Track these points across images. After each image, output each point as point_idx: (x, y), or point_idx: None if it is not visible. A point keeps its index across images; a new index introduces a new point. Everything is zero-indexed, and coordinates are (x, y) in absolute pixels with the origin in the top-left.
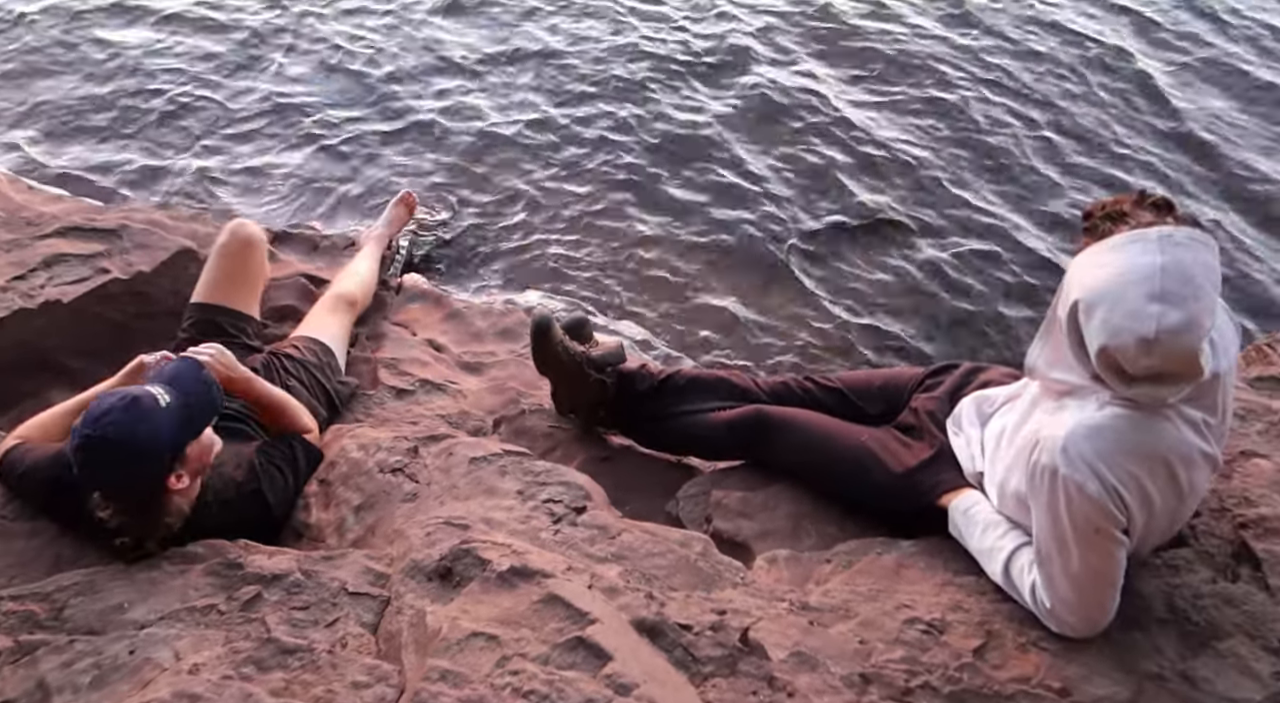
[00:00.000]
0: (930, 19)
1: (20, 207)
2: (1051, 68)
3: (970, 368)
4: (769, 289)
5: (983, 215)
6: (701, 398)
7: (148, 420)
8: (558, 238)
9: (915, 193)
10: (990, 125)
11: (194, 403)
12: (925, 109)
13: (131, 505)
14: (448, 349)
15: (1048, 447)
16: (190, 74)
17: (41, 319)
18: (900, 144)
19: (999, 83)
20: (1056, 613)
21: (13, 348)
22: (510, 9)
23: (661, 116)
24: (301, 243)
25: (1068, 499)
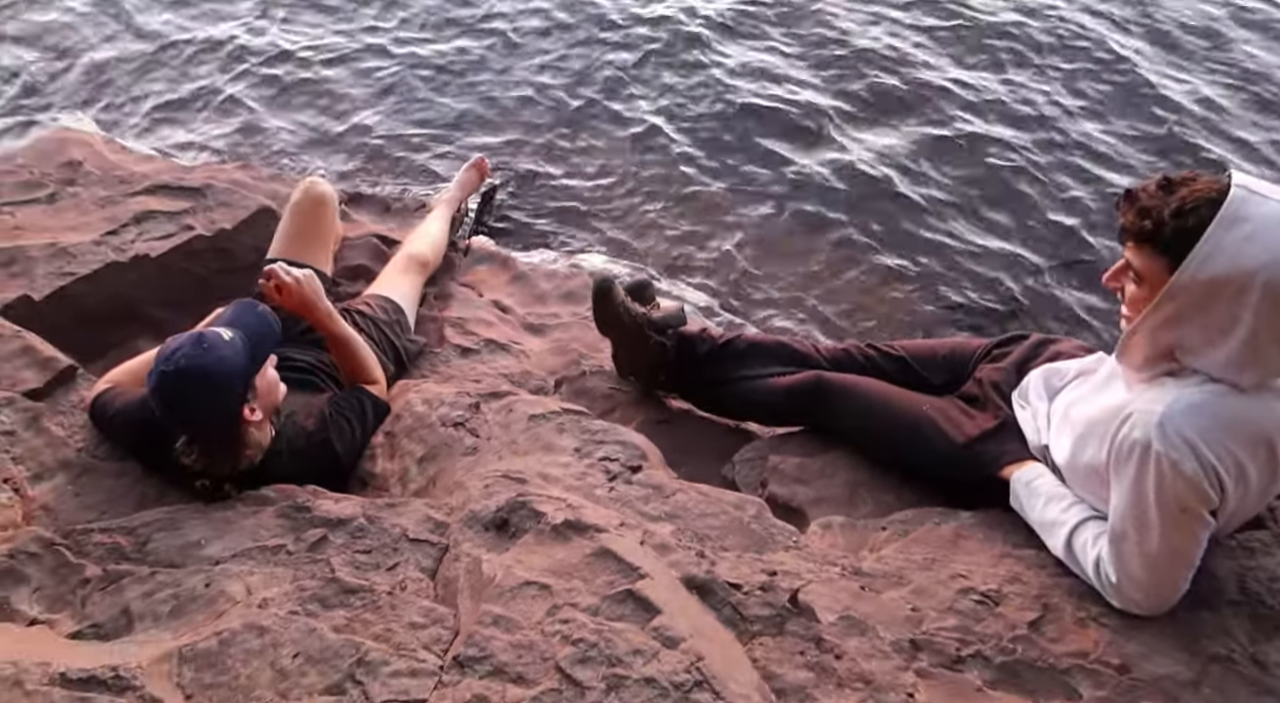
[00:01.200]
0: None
1: (114, 165)
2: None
3: (1040, 340)
4: (837, 258)
5: (1055, 194)
6: (761, 363)
7: (214, 351)
8: (624, 202)
9: (993, 166)
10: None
11: (254, 334)
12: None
13: (213, 440)
14: (512, 310)
15: (1141, 421)
16: (271, 38)
17: (132, 273)
18: (983, 113)
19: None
20: (1123, 590)
21: (105, 300)
22: None
23: (732, 83)
24: (374, 204)
25: (1159, 477)
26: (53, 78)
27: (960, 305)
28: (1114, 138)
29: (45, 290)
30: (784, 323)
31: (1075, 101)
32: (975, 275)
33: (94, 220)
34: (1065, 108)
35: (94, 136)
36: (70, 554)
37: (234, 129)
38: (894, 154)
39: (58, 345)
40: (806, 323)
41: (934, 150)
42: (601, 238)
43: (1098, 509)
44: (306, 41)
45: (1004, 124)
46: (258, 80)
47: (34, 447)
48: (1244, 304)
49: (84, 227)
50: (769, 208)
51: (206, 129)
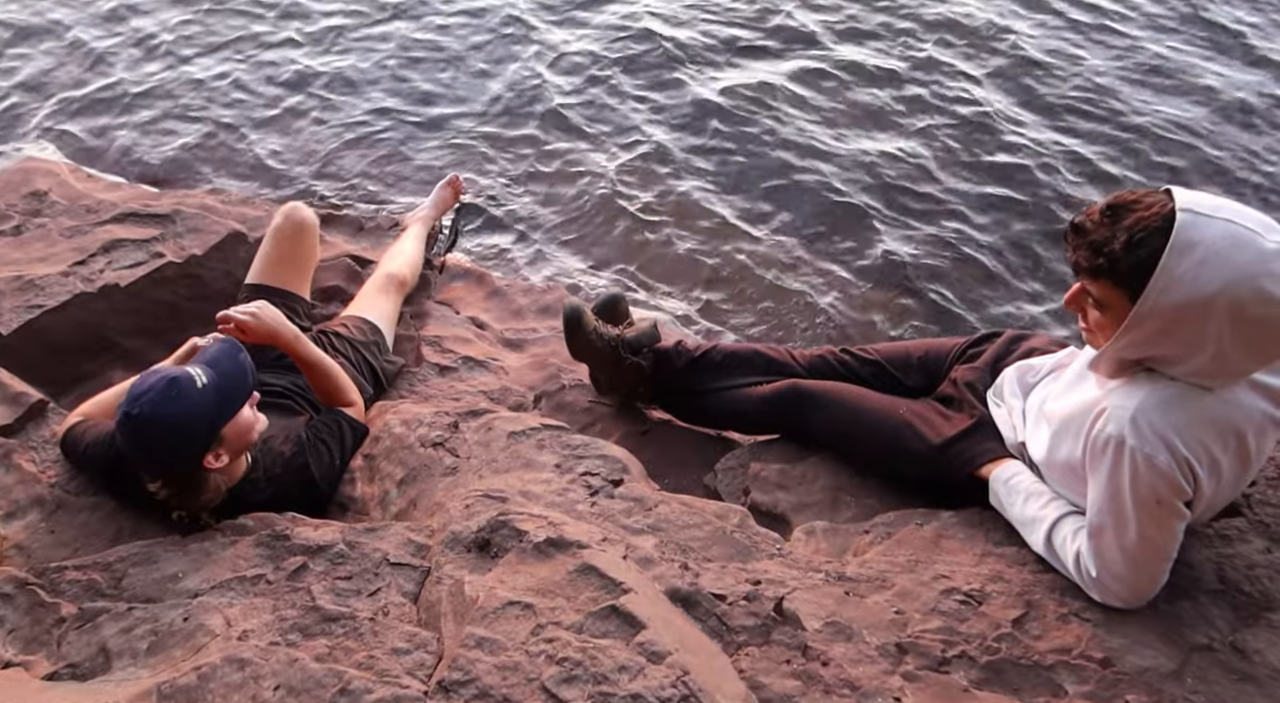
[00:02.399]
0: None
1: (81, 194)
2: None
3: (1013, 336)
4: (808, 263)
5: (1016, 189)
6: (739, 372)
7: (182, 401)
8: (597, 215)
9: (956, 165)
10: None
11: (228, 385)
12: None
13: (174, 481)
14: (490, 326)
15: (1115, 417)
16: (232, 57)
17: (101, 302)
18: (947, 114)
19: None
20: (1103, 583)
21: (74, 330)
22: None
23: (702, 92)
24: (347, 224)
25: (1134, 471)
26: (13, 107)
27: (933, 305)
28: (1073, 140)
29: (13, 324)
30: (759, 330)
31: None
32: (946, 275)
33: (61, 251)
34: (1027, 111)
35: (59, 165)
36: (44, 593)
37: (202, 153)
38: (865, 161)
39: (29, 379)
40: (781, 329)
41: (903, 155)
42: (576, 250)
43: (1076, 505)
44: (272, 64)
45: (979, 131)
46: (225, 103)
47: (5, 484)
48: (1208, 325)
49: (52, 258)
50: (744, 215)
51: (173, 154)
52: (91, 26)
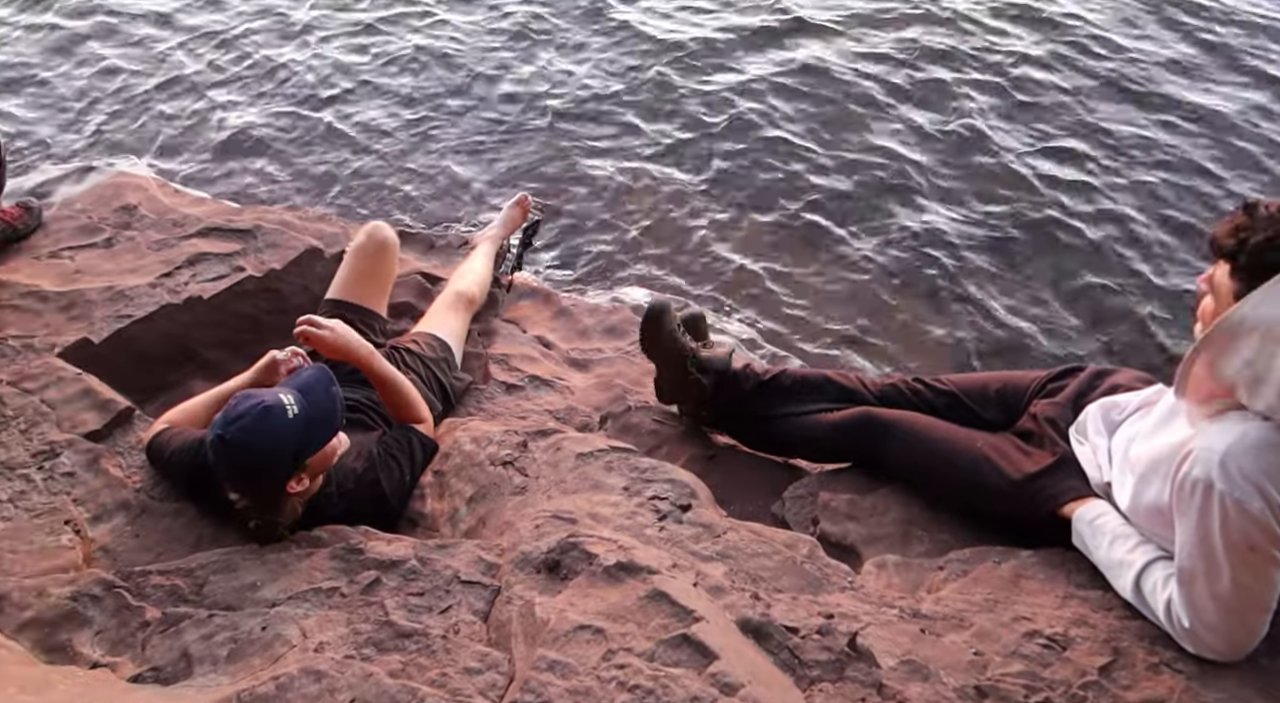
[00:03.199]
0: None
1: (168, 209)
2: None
3: (1096, 371)
4: (886, 295)
5: (1116, 218)
6: (808, 398)
7: (273, 432)
8: (667, 237)
9: (1038, 197)
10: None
11: (319, 416)
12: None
13: (257, 499)
14: (556, 346)
15: (1202, 459)
16: (311, 84)
17: (186, 314)
18: (1032, 150)
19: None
20: (1197, 634)
21: (160, 340)
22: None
23: (778, 118)
24: (419, 242)
25: (1223, 516)
26: (109, 124)
27: (1011, 339)
28: (1182, 175)
29: (104, 333)
30: (829, 356)
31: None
32: (1027, 309)
33: (149, 263)
34: (1124, 140)
35: (148, 180)
36: (131, 596)
37: (281, 171)
38: (941, 192)
39: (116, 386)
40: (852, 357)
41: (979, 191)
42: (644, 272)
43: (1165, 549)
44: (347, 84)
45: (1056, 161)
46: (303, 124)
47: (93, 488)
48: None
49: (140, 269)
50: (821, 246)
51: (256, 170)
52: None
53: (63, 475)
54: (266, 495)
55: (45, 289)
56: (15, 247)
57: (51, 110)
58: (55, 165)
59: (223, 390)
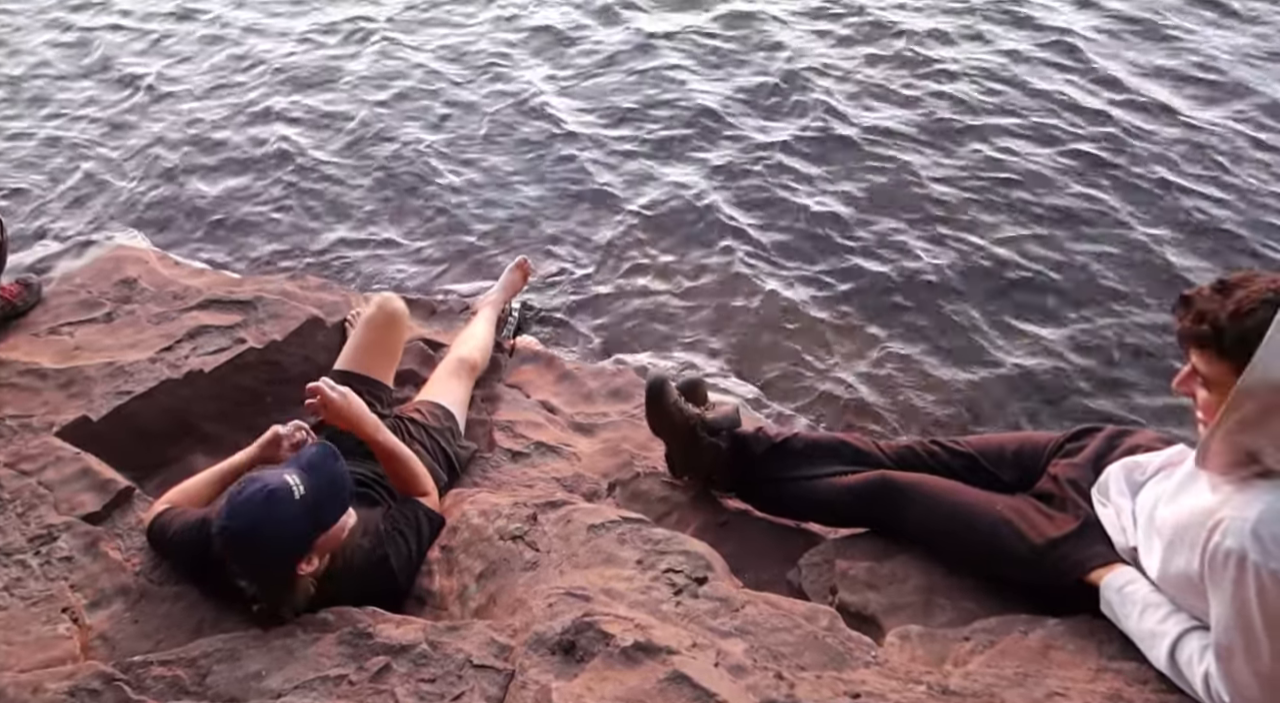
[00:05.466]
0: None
1: (168, 281)
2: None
3: (1115, 431)
4: (891, 348)
5: (1116, 273)
6: (822, 462)
7: (281, 517)
8: (667, 297)
9: (1048, 242)
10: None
11: (326, 495)
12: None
13: (265, 585)
14: (560, 410)
15: (1233, 529)
16: (308, 151)
17: (186, 388)
18: (1021, 190)
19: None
20: None
21: (160, 415)
22: (598, 53)
23: (765, 172)
24: (420, 308)
25: (1260, 588)
26: (103, 196)
27: (1026, 399)
28: (1177, 231)
29: (103, 410)
30: (838, 418)
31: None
32: (1041, 368)
33: (149, 337)
34: (1130, 199)
35: (148, 253)
36: (131, 690)
37: (281, 240)
38: (947, 246)
39: (116, 463)
40: (863, 419)
41: (995, 242)
42: (647, 334)
43: (1199, 619)
44: (342, 151)
45: (1070, 223)
46: (303, 191)
47: (92, 572)
48: None
49: (140, 344)
50: (821, 297)
51: (255, 241)
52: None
53: (60, 560)
54: (277, 581)
55: (44, 366)
56: (14, 323)
57: (46, 185)
58: (55, 241)
59: (224, 468)
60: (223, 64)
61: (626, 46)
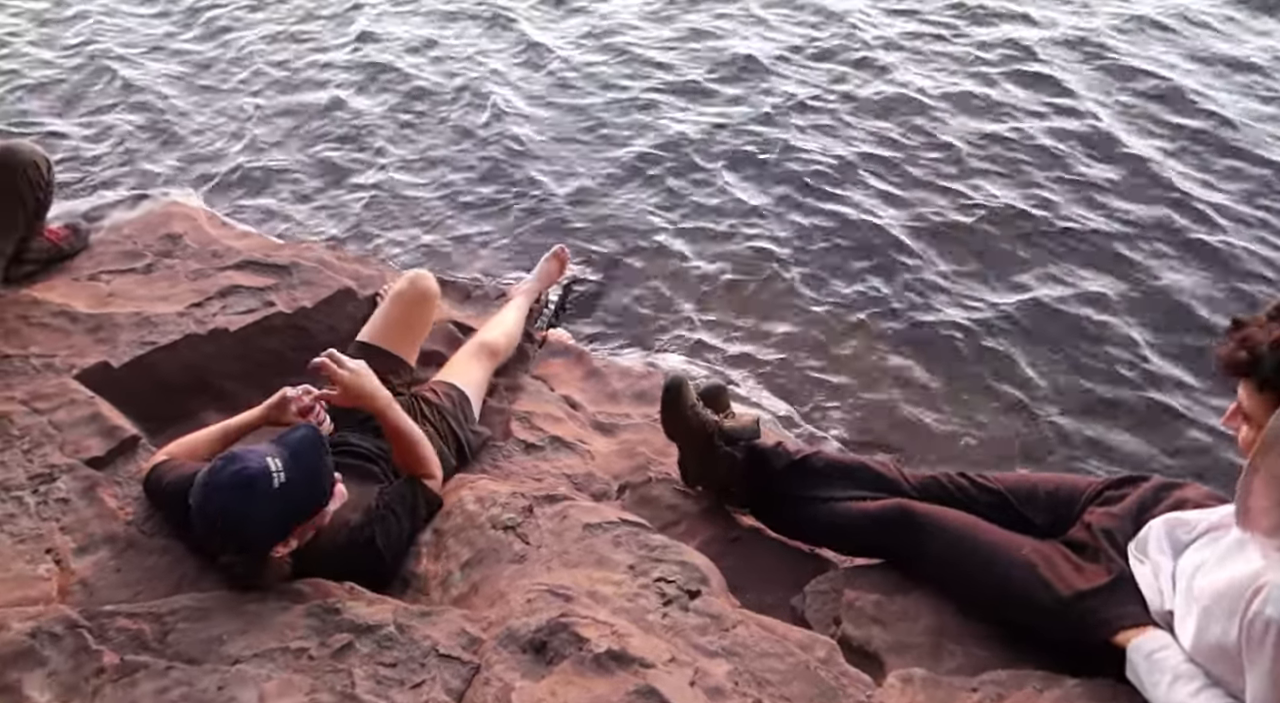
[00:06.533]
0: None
1: (212, 240)
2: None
3: (1162, 483)
4: (933, 376)
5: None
6: (841, 484)
7: (256, 505)
8: (705, 302)
9: (1108, 273)
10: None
11: (304, 485)
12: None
13: (238, 560)
14: (583, 407)
15: (1275, 597)
16: (372, 129)
17: (209, 345)
18: (1088, 222)
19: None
20: None
21: (180, 370)
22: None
23: (829, 194)
24: (455, 291)
25: None
26: (165, 153)
27: (1066, 439)
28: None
29: (124, 358)
30: (867, 442)
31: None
32: (1088, 407)
33: (182, 292)
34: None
35: (199, 211)
36: (92, 639)
37: (324, 211)
38: (1003, 290)
39: (131, 412)
40: (895, 444)
41: (1052, 287)
42: (681, 337)
43: (1235, 696)
44: (393, 131)
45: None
46: (348, 166)
47: (84, 517)
48: None
49: (171, 298)
50: (862, 317)
51: (306, 209)
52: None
53: (56, 502)
54: (250, 560)
55: (76, 310)
56: (59, 266)
57: (114, 135)
58: (110, 191)
59: (229, 425)
60: (318, 33)
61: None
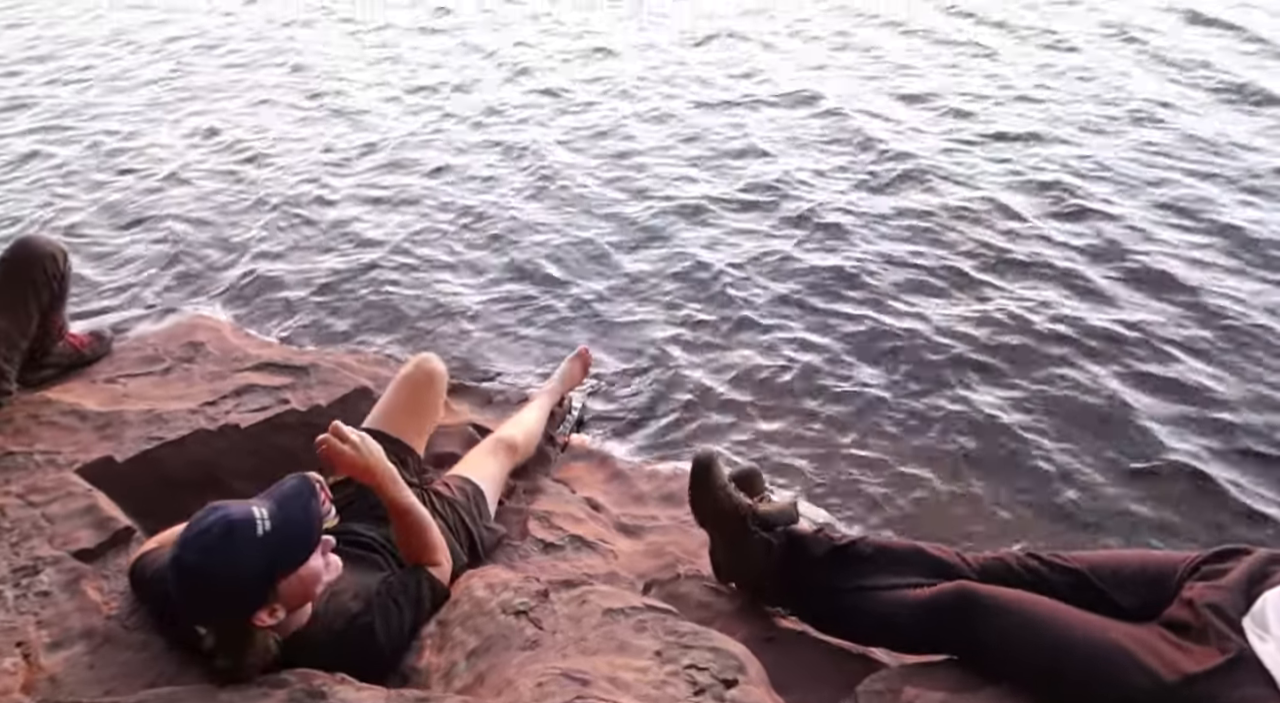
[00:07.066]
0: None
1: (234, 347)
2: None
3: (1269, 555)
4: (985, 472)
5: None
6: (892, 571)
7: (236, 552)
8: (737, 404)
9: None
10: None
11: (292, 533)
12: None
13: (220, 632)
14: (606, 509)
15: None
16: (387, 241)
17: (219, 441)
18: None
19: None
20: None
21: (187, 466)
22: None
23: (844, 293)
24: (476, 396)
25: None
26: (199, 271)
27: (1144, 516)
28: None
29: (130, 453)
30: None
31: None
32: (1165, 482)
33: (197, 391)
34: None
35: (224, 323)
36: None
37: (346, 318)
38: (1065, 387)
39: (132, 509)
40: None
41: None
42: (711, 440)
43: None
44: (421, 237)
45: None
46: (363, 271)
47: (64, 610)
48: None
49: (186, 396)
50: (908, 420)
51: (330, 321)
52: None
53: (36, 595)
54: (233, 628)
55: (86, 409)
56: (80, 371)
57: (144, 252)
58: (139, 307)
59: None
60: (345, 140)
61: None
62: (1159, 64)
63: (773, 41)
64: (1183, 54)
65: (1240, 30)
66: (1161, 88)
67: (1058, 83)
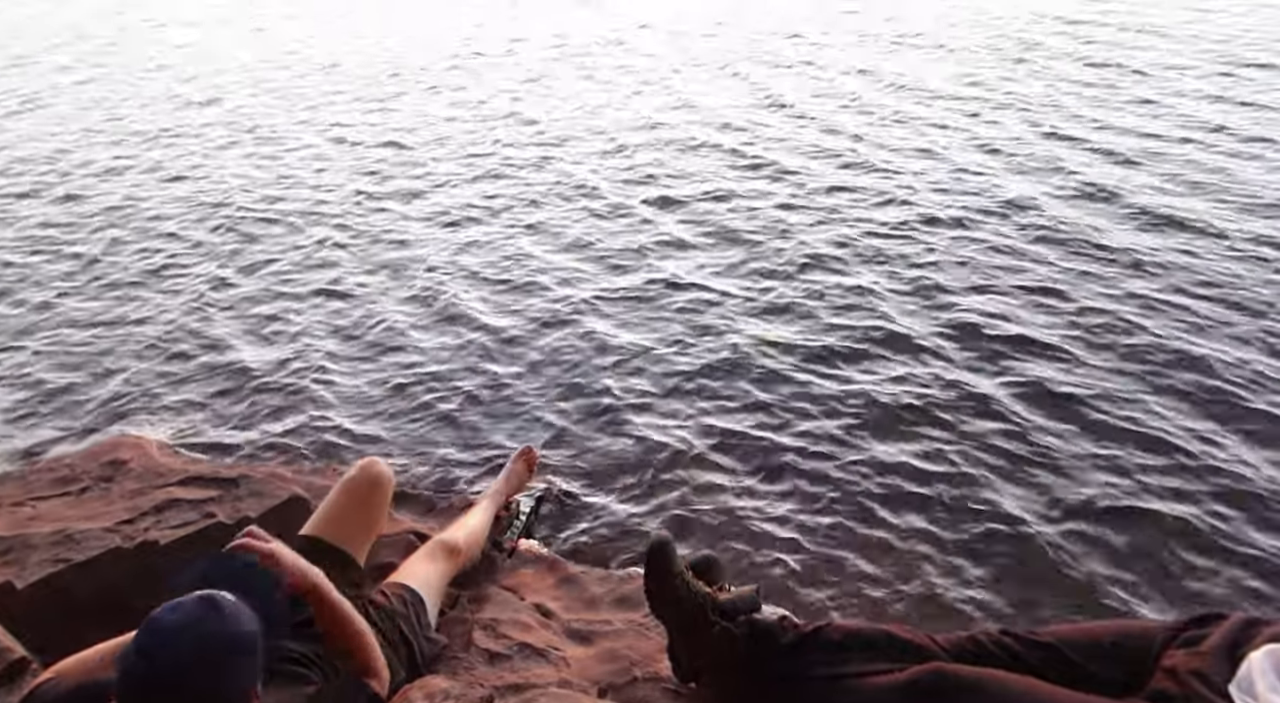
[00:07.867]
0: None
1: (159, 465)
2: None
3: (1247, 619)
4: (957, 560)
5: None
6: (861, 657)
7: (229, 625)
8: (689, 502)
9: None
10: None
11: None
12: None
13: None
14: (557, 615)
15: None
16: (325, 351)
17: (132, 561)
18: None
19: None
20: None
21: (96, 591)
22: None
23: (816, 378)
24: (418, 503)
25: None
26: (115, 391)
27: (1108, 588)
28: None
29: (31, 578)
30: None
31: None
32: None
33: (115, 510)
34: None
35: (150, 442)
36: None
37: (285, 432)
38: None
39: (34, 640)
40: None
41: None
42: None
43: None
44: (352, 349)
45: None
46: (299, 383)
47: None
48: None
49: (101, 516)
50: (879, 514)
51: (265, 435)
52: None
53: None
54: None
55: None
56: None
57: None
58: (54, 430)
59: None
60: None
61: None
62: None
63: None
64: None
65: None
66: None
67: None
